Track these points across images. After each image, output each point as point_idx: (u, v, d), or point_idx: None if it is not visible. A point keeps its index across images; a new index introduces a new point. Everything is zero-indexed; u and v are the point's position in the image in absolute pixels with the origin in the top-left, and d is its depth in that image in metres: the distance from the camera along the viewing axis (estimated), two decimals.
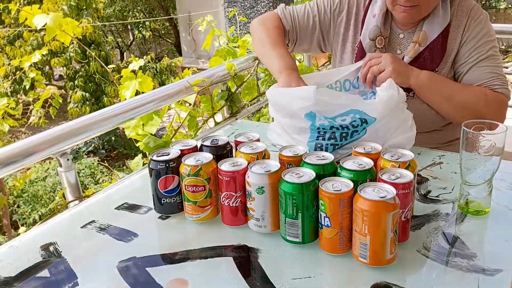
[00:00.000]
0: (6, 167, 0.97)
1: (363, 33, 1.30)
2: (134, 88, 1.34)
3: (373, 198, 0.73)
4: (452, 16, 1.25)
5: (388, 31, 1.30)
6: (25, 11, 1.38)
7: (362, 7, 1.34)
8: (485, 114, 1.15)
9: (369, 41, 1.29)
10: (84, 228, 0.93)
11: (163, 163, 0.91)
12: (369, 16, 1.30)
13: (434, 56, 1.24)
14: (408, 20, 1.25)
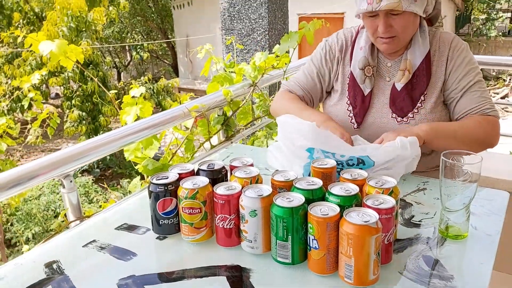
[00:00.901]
0: (13, 188, 1.03)
1: (353, 64, 1.40)
2: (135, 114, 1.40)
3: (357, 222, 0.79)
4: (433, 45, 1.35)
5: (375, 61, 1.39)
6: (31, 37, 1.45)
7: (349, 42, 1.44)
8: (484, 138, 1.29)
9: (358, 70, 1.38)
10: (86, 247, 0.98)
11: (162, 186, 0.96)
12: (356, 49, 1.40)
13: (421, 81, 1.34)
14: (389, 50, 1.34)
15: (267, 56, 1.89)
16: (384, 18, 1.25)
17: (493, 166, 2.02)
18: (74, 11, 6.39)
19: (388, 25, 1.25)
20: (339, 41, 1.46)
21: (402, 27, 1.26)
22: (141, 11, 11.14)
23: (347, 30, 1.47)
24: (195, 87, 10.59)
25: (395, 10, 1.22)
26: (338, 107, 1.45)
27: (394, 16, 1.25)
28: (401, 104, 1.34)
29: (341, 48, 1.45)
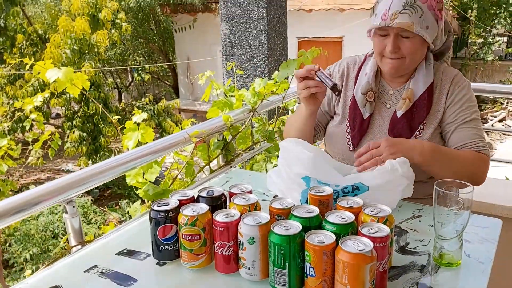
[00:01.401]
0: (16, 214, 1.05)
1: (356, 88, 1.45)
2: (136, 139, 1.44)
3: (352, 251, 0.81)
4: (436, 78, 1.39)
5: (377, 87, 1.44)
6: (39, 65, 1.49)
7: (353, 69, 1.49)
8: (475, 174, 1.32)
9: (360, 95, 1.43)
10: (87, 272, 1.00)
11: (163, 213, 0.99)
12: (361, 74, 1.45)
13: (421, 110, 1.37)
14: (394, 72, 1.37)
15: (266, 82, 1.94)
16: (393, 38, 1.30)
17: (489, 191, 2.04)
18: (78, 33, 6.50)
19: (396, 45, 1.30)
20: (340, 68, 1.51)
21: (409, 50, 1.31)
22: (143, 34, 11.32)
23: (351, 58, 1.53)
24: (195, 108, 10.68)
25: (406, 30, 1.27)
26: (338, 128, 1.49)
27: (404, 38, 1.30)
28: (400, 131, 1.38)
29: (342, 75, 1.50)
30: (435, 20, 1.31)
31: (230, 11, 2.60)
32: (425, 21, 1.28)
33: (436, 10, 1.30)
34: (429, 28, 1.29)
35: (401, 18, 1.25)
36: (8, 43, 8.09)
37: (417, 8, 1.26)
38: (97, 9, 6.85)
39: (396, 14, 1.26)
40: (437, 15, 1.31)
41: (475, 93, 1.49)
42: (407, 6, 1.26)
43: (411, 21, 1.25)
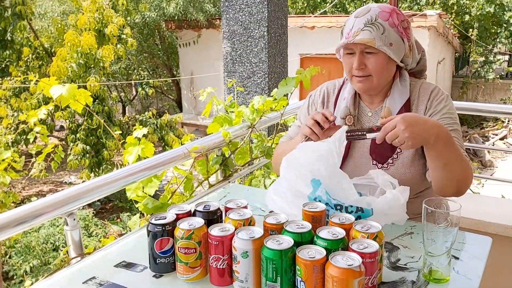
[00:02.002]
0: (18, 226, 1.09)
1: (335, 113, 1.47)
2: (137, 154, 1.47)
3: (341, 266, 0.84)
4: (413, 94, 1.41)
5: (356, 111, 1.46)
6: (43, 82, 1.54)
7: (332, 94, 1.52)
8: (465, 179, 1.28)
9: (340, 119, 1.45)
10: (86, 283, 1.03)
11: (160, 226, 1.02)
12: (340, 99, 1.48)
13: None
14: (364, 89, 1.40)
15: (265, 99, 1.98)
16: (359, 55, 1.33)
17: (484, 209, 2.06)
18: (84, 48, 6.60)
19: (361, 62, 1.33)
20: (321, 94, 1.54)
21: (375, 67, 1.33)
22: (148, 49, 11.47)
23: (331, 83, 1.56)
24: (198, 122, 10.75)
25: (369, 46, 1.30)
26: None
27: (368, 55, 1.33)
28: (381, 151, 1.39)
29: (323, 100, 1.53)
30: (400, 37, 1.34)
31: (232, 29, 2.67)
32: (387, 38, 1.31)
33: (399, 27, 1.34)
34: (394, 45, 1.33)
35: (362, 34, 1.30)
36: (15, 56, 8.20)
37: (378, 26, 1.31)
38: (103, 25, 6.96)
39: (358, 32, 1.31)
40: (401, 32, 1.35)
41: (476, 112, 1.50)
42: (368, 24, 1.31)
43: (372, 37, 1.29)
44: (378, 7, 1.35)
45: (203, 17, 10.37)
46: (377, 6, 1.36)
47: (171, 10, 10.28)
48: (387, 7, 1.37)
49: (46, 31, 10.08)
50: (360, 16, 1.33)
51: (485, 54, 12.53)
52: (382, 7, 1.36)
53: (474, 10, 11.98)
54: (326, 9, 13.07)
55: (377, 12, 1.33)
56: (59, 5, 10.57)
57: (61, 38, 8.60)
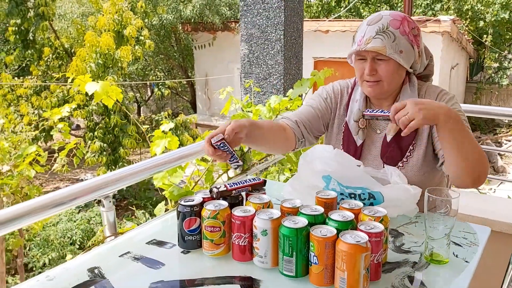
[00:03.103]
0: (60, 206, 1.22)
1: (348, 115, 1.53)
2: (164, 146, 1.61)
3: (350, 242, 0.96)
4: (420, 96, 1.47)
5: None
6: (79, 79, 1.68)
7: (345, 93, 1.57)
8: (482, 170, 1.29)
9: (353, 122, 1.51)
10: (122, 257, 1.15)
11: (189, 207, 1.15)
12: (352, 101, 1.53)
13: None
14: (373, 94, 1.46)
15: (281, 99, 2.10)
16: (370, 62, 1.39)
17: (491, 207, 2.15)
18: (103, 48, 6.81)
19: (373, 68, 1.39)
20: (335, 89, 1.58)
21: (385, 73, 1.40)
22: (164, 50, 11.68)
23: (343, 82, 1.60)
24: (211, 123, 10.91)
25: (380, 54, 1.37)
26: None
27: (379, 61, 1.39)
28: (391, 154, 1.45)
29: (336, 96, 1.57)
30: (410, 45, 1.39)
31: (249, 33, 2.79)
32: (398, 45, 1.37)
33: (409, 35, 1.39)
34: (404, 53, 1.38)
35: (373, 42, 1.35)
36: (36, 55, 8.46)
37: (389, 34, 1.36)
38: (122, 26, 7.16)
39: (370, 39, 1.36)
40: (411, 40, 1.40)
41: (494, 116, 1.57)
42: (380, 32, 1.36)
43: (383, 45, 1.35)
44: (389, 15, 1.40)
45: (218, 20, 10.55)
46: (388, 14, 1.41)
47: (188, 13, 10.48)
48: (398, 15, 1.42)
49: (65, 32, 10.35)
50: (372, 24, 1.39)
51: (500, 60, 12.50)
52: (394, 15, 1.41)
53: (489, 16, 11.97)
54: (340, 14, 13.16)
55: (389, 20, 1.38)
56: (79, 7, 10.84)
57: (80, 38, 8.84)
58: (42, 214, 1.20)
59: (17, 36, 8.07)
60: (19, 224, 1.15)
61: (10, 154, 3.74)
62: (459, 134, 1.25)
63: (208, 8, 10.61)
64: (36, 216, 1.19)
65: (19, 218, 1.17)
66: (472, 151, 1.28)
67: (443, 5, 12.91)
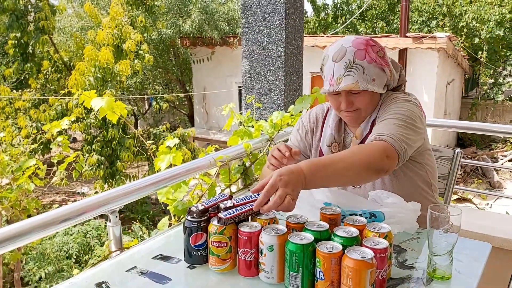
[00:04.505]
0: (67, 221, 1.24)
1: (322, 140, 1.56)
2: (169, 161, 1.63)
3: (356, 258, 0.97)
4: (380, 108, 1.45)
5: (341, 137, 1.53)
6: (85, 95, 1.71)
7: (320, 119, 1.59)
8: (368, 162, 1.22)
9: (326, 147, 1.54)
10: (128, 272, 1.16)
11: (196, 223, 1.16)
12: (325, 126, 1.56)
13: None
14: (353, 122, 1.48)
15: (283, 115, 2.13)
16: (345, 96, 1.40)
17: (489, 224, 2.17)
18: (102, 62, 6.85)
19: (349, 102, 1.41)
20: (310, 119, 1.61)
21: (362, 103, 1.41)
22: (163, 64, 11.76)
23: (319, 107, 1.62)
24: (209, 137, 10.94)
25: (353, 90, 1.38)
26: None
27: (354, 94, 1.40)
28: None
29: (312, 125, 1.60)
30: (380, 69, 1.40)
31: (251, 49, 2.84)
32: (369, 75, 1.37)
33: (377, 60, 1.39)
34: (376, 79, 1.38)
35: (345, 81, 1.36)
36: (35, 69, 8.49)
37: (358, 68, 1.36)
38: (121, 40, 7.22)
39: (340, 78, 1.36)
40: (380, 64, 1.40)
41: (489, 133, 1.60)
42: (348, 68, 1.36)
43: (355, 81, 1.35)
44: (352, 47, 1.38)
45: (217, 35, 10.66)
46: (351, 44, 1.38)
47: (187, 28, 10.58)
48: (360, 42, 1.39)
49: (64, 45, 10.41)
50: (338, 60, 1.38)
51: (495, 76, 12.65)
52: (356, 44, 1.38)
53: (484, 33, 12.15)
54: (337, 30, 13.32)
55: (353, 52, 1.37)
56: (78, 21, 10.92)
57: (79, 52, 8.89)
58: (49, 229, 1.21)
59: (16, 49, 8.11)
60: (27, 240, 1.16)
61: (9, 167, 3.74)
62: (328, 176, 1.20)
63: (207, 23, 10.73)
64: (44, 231, 1.20)
65: (27, 233, 1.18)
66: (347, 169, 1.21)
67: (438, 22, 13.11)
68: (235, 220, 1.14)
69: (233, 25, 11.22)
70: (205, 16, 10.74)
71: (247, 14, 2.80)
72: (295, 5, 2.78)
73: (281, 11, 2.69)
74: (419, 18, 13.44)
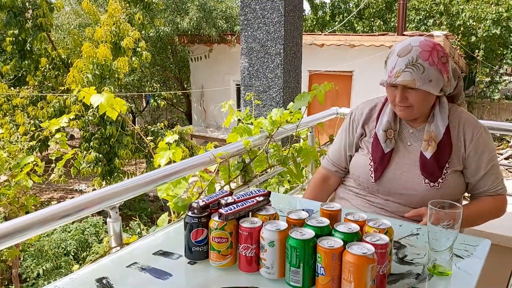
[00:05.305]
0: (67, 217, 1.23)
1: (378, 126, 1.63)
2: (168, 157, 1.62)
3: (357, 253, 0.98)
4: (452, 121, 1.55)
5: (397, 126, 1.61)
6: (84, 91, 1.70)
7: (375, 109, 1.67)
8: (496, 213, 1.61)
9: (382, 132, 1.60)
10: (129, 267, 1.16)
11: (196, 218, 1.16)
12: (383, 114, 1.63)
13: (444, 151, 1.53)
14: (404, 117, 1.56)
15: (282, 112, 2.13)
16: (401, 91, 1.47)
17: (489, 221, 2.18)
18: (100, 59, 6.83)
19: (403, 97, 1.48)
20: (365, 108, 1.70)
21: (415, 101, 1.48)
22: (161, 62, 11.73)
23: (371, 102, 1.71)
24: (207, 135, 10.93)
25: (409, 86, 1.44)
26: (362, 159, 1.65)
27: (409, 90, 1.46)
28: (432, 170, 1.52)
29: (366, 114, 1.68)
30: (439, 73, 1.46)
31: (250, 46, 2.84)
32: (427, 76, 1.43)
33: (439, 64, 1.45)
34: (433, 81, 1.45)
35: (403, 76, 1.43)
36: (32, 66, 8.45)
37: (418, 66, 1.42)
38: (119, 37, 7.20)
39: (399, 73, 1.44)
40: (440, 69, 1.46)
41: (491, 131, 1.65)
42: (409, 65, 1.43)
43: (412, 79, 1.42)
44: (419, 46, 1.45)
45: (215, 32, 10.63)
46: (418, 45, 1.45)
47: (185, 25, 10.55)
48: (427, 45, 1.46)
49: (62, 43, 10.36)
50: (402, 56, 1.45)
51: (491, 75, 12.68)
52: (423, 45, 1.46)
53: (481, 31, 12.18)
54: (335, 28, 13.32)
55: (418, 52, 1.43)
56: (76, 18, 10.88)
57: (77, 49, 8.86)
58: (50, 224, 1.21)
59: (14, 46, 8.07)
60: (28, 235, 1.16)
61: (7, 164, 3.72)
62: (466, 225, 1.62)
63: (205, 21, 10.70)
64: (44, 226, 1.20)
65: (26, 229, 1.18)
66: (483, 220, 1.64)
67: (435, 20, 13.13)
68: (236, 216, 1.14)
69: (231, 23, 11.19)
70: (203, 13, 10.71)
71: (246, 11, 2.80)
72: (294, 2, 2.78)
73: (280, 8, 2.69)
74: (416, 16, 13.45)
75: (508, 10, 12.09)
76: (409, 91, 1.47)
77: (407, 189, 1.55)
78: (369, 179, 1.61)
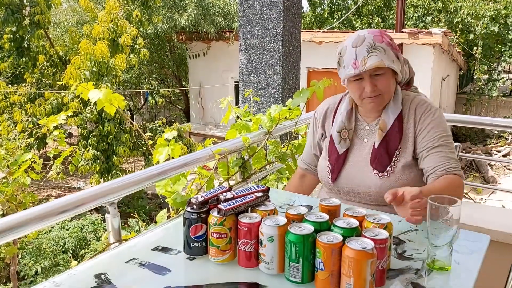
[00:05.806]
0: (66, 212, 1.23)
1: (333, 127, 1.63)
2: (167, 154, 1.62)
3: (356, 248, 0.98)
4: (405, 107, 1.54)
5: (352, 124, 1.60)
6: (82, 86, 1.70)
7: (333, 108, 1.67)
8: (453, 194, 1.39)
9: (336, 133, 1.60)
10: (128, 263, 1.16)
11: (195, 214, 1.16)
12: (337, 114, 1.63)
13: (394, 138, 1.53)
14: (376, 108, 1.54)
15: (281, 108, 2.13)
16: (369, 80, 1.46)
17: (486, 217, 2.19)
18: (97, 56, 6.81)
19: (373, 84, 1.47)
20: (324, 108, 1.71)
21: (385, 85, 1.48)
22: (159, 59, 11.70)
23: (331, 99, 1.72)
24: (205, 132, 10.91)
25: (379, 68, 1.44)
26: (322, 161, 1.67)
27: (377, 76, 1.46)
28: (380, 159, 1.52)
29: (325, 115, 1.69)
30: (395, 55, 1.49)
31: (248, 43, 2.83)
32: (389, 56, 1.46)
33: (392, 45, 1.48)
34: (395, 62, 1.47)
35: (370, 60, 1.42)
36: (30, 63, 8.43)
37: (379, 49, 1.44)
38: (117, 34, 7.18)
39: (365, 59, 1.43)
40: (395, 49, 1.49)
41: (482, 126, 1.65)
42: (371, 49, 1.43)
43: (380, 59, 1.43)
44: (369, 33, 1.47)
45: (213, 29, 10.61)
46: (366, 32, 1.48)
47: (183, 22, 10.52)
48: (376, 31, 1.50)
49: (60, 40, 10.33)
50: (359, 45, 1.44)
51: (489, 72, 12.69)
52: (372, 32, 1.48)
53: (479, 29, 12.18)
54: (333, 25, 13.31)
55: (372, 38, 1.45)
56: (74, 15, 10.84)
57: (75, 47, 8.84)
58: (48, 220, 1.20)
59: (12, 43, 8.04)
60: (27, 230, 1.15)
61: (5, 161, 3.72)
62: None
63: (203, 18, 10.67)
64: (42, 222, 1.20)
65: (24, 224, 1.17)
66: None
67: (434, 17, 13.13)
68: (235, 211, 1.14)
69: (229, 20, 11.17)
70: (201, 10, 10.68)
71: (245, 7, 2.79)
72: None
73: (279, 4, 2.68)
74: (414, 13, 13.44)
75: (506, 8, 12.10)
76: (376, 78, 1.46)
77: (361, 186, 1.54)
78: (328, 181, 1.62)
